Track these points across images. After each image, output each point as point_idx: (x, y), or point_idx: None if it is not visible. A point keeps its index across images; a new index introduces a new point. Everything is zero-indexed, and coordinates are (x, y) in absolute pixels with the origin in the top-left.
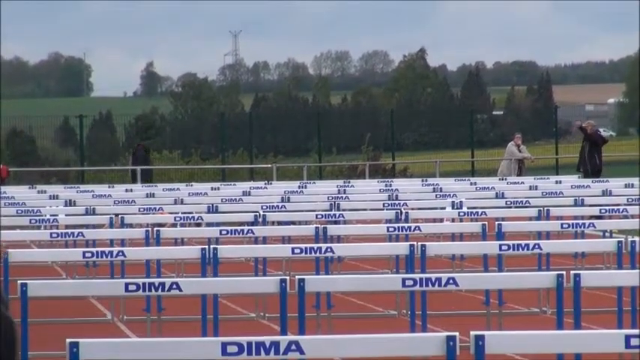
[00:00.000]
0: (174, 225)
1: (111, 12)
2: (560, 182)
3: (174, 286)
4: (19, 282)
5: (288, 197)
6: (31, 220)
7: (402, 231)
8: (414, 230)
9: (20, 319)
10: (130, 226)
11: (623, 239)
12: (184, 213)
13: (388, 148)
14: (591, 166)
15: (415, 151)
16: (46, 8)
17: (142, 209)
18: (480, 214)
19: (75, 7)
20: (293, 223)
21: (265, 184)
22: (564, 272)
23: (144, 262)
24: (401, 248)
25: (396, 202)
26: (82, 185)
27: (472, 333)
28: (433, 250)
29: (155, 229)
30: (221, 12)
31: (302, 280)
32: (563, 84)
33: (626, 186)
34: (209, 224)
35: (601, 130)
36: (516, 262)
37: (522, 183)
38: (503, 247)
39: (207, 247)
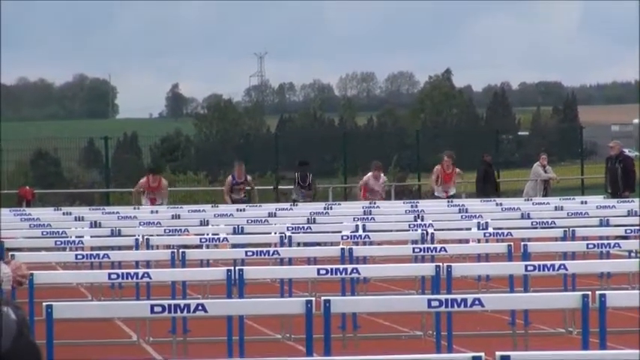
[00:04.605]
0: (199, 246)
1: (136, 34)
2: (586, 203)
3: (200, 308)
4: (44, 304)
5: (314, 218)
6: (56, 241)
7: (428, 252)
8: (439, 251)
9: (45, 341)
10: (156, 247)
11: None
12: (212, 234)
13: (414, 169)
14: (625, 188)
15: None
16: (71, 30)
17: (167, 231)
18: (505, 234)
19: (100, 29)
20: (319, 244)
21: (291, 205)
22: (590, 292)
23: (169, 283)
24: (427, 269)
25: (422, 222)
26: (107, 207)
27: (498, 353)
28: (459, 271)
29: (181, 250)
30: (247, 34)
31: (328, 301)
32: (589, 104)
33: None
34: (235, 245)
35: (626, 150)
36: (542, 283)
37: (548, 203)
38: (529, 268)
39: (232, 268)
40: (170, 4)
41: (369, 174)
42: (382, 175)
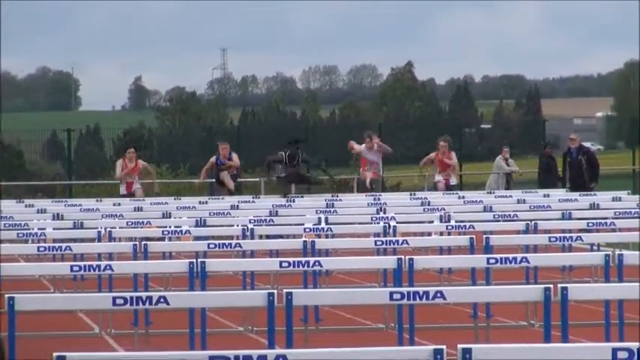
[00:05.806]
0: (162, 239)
1: (99, 26)
2: (548, 196)
3: (162, 300)
4: (6, 296)
5: (277, 211)
6: (18, 234)
7: (390, 244)
8: (401, 244)
9: (7, 333)
10: (118, 240)
11: (610, 252)
12: (174, 226)
13: None
14: (587, 179)
15: (404, 165)
16: (35, 23)
17: (129, 223)
18: (467, 227)
19: (64, 21)
20: (281, 236)
21: (253, 197)
22: (552, 285)
23: (131, 275)
24: (389, 262)
25: (384, 215)
26: (70, 199)
27: (460, 346)
28: (421, 264)
29: (143, 242)
30: (210, 26)
31: (290, 294)
32: (552, 97)
33: (614, 199)
34: (197, 238)
35: (588, 144)
36: (504, 276)
37: (510, 196)
38: (491, 261)
39: (195, 260)
40: None
41: (362, 145)
42: (376, 139)
